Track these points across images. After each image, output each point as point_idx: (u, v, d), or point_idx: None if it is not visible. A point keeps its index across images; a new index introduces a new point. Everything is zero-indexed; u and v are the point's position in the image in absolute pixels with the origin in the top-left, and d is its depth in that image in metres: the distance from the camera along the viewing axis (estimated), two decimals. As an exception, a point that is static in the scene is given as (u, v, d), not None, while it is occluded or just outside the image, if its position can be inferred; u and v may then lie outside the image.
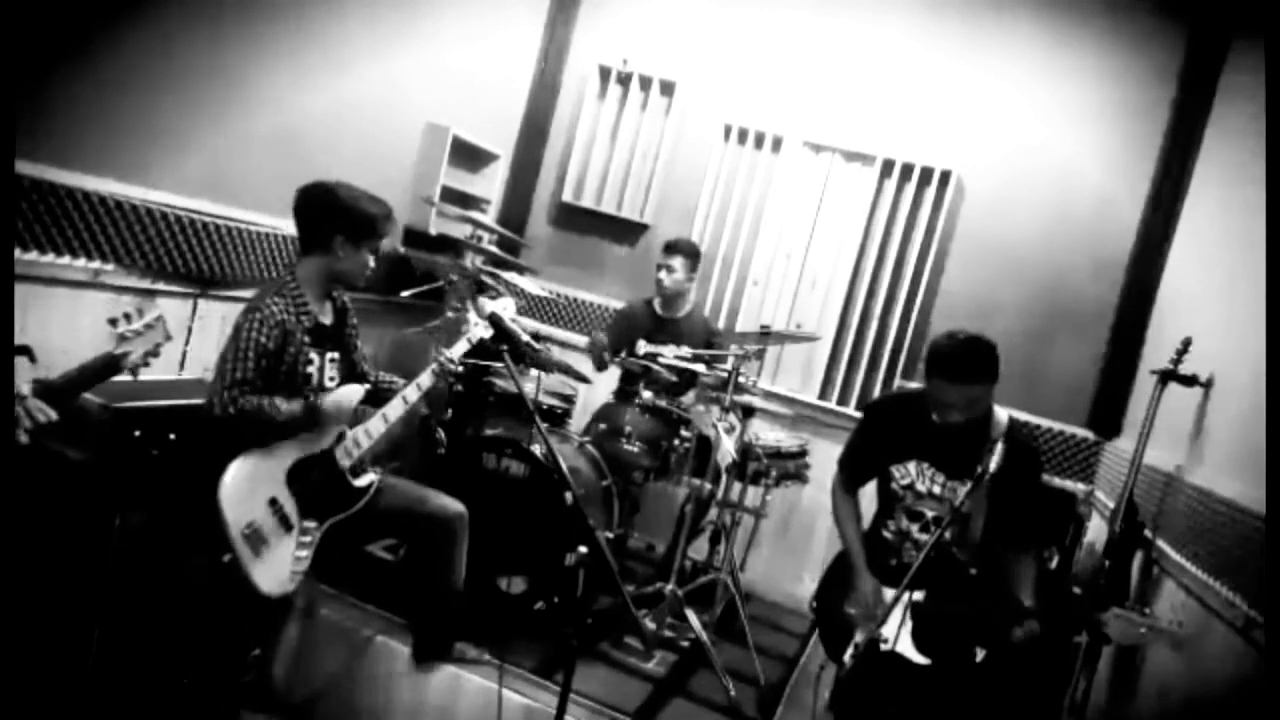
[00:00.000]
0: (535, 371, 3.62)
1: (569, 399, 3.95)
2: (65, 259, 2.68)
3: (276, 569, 2.50)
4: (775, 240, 4.72)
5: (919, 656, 2.55)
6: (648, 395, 3.74)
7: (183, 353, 3.19)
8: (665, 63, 4.87)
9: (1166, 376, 3.03)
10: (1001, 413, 2.61)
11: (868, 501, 2.85)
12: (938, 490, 2.66)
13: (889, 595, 2.58)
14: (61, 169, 2.61)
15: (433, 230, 4.38)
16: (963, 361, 2.44)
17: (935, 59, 4.50)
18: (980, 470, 2.38)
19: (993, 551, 2.65)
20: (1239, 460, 2.55)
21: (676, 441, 3.72)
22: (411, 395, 2.71)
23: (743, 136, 4.75)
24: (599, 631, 3.47)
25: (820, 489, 3.35)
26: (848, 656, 2.63)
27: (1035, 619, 2.49)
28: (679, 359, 3.67)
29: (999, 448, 2.37)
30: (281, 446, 2.53)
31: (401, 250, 4.27)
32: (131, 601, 2.57)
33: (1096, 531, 3.74)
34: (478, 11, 4.43)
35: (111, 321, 2.11)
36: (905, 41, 4.53)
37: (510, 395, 3.73)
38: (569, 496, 2.62)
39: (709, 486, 3.71)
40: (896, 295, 4.54)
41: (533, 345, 3.11)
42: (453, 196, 4.49)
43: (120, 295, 2.85)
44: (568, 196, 5.02)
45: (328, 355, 2.69)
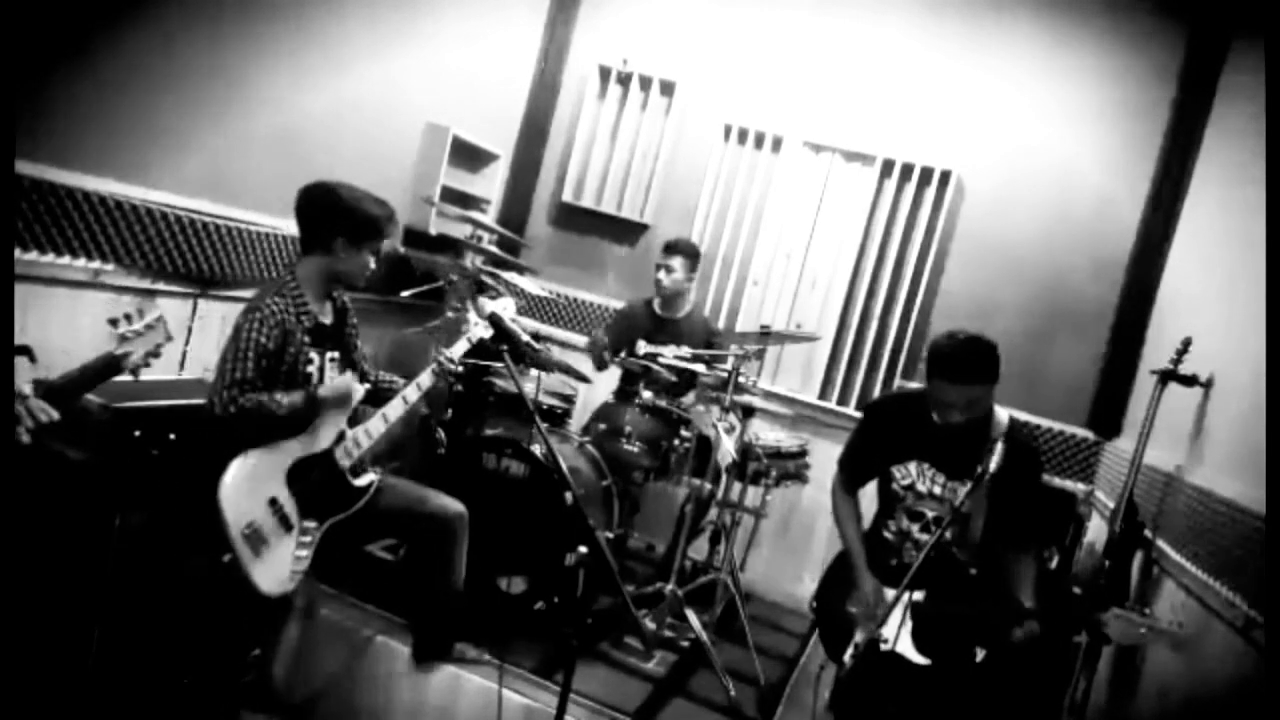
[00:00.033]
0: (535, 371, 3.62)
1: (569, 399, 3.95)
2: (65, 259, 2.68)
3: (276, 569, 2.50)
4: (775, 240, 4.72)
5: (919, 656, 2.55)
6: (648, 395, 3.74)
7: (183, 353, 3.19)
8: (665, 63, 4.87)
9: (1166, 376, 3.04)
10: (1002, 413, 2.61)
11: (868, 501, 2.85)
12: (938, 490, 2.66)
13: (889, 595, 2.58)
14: (61, 169, 2.61)
15: (433, 230, 4.38)
16: (963, 362, 2.44)
17: (935, 59, 4.50)
18: (980, 470, 2.37)
19: (993, 551, 2.66)
20: (1239, 460, 2.55)
21: (676, 441, 3.72)
22: (411, 395, 2.71)
23: (743, 136, 4.75)
24: (599, 631, 3.47)
25: (820, 489, 3.35)
26: (848, 656, 2.63)
27: (1035, 619, 2.49)
28: (679, 359, 3.67)
29: (999, 448, 2.36)
30: (282, 446, 2.53)
31: (401, 250, 4.27)
32: (131, 601, 2.57)
33: (1096, 531, 3.74)
34: (478, 11, 4.43)
35: (112, 322, 2.12)
36: (905, 41, 4.53)
37: (510, 395, 3.73)
38: (569, 496, 2.62)
39: (709, 486, 3.71)
40: (896, 295, 4.54)
41: (533, 345, 3.11)
42: (453, 196, 4.49)
43: (120, 295, 2.85)
44: (568, 196, 5.02)
45: (328, 355, 2.69)
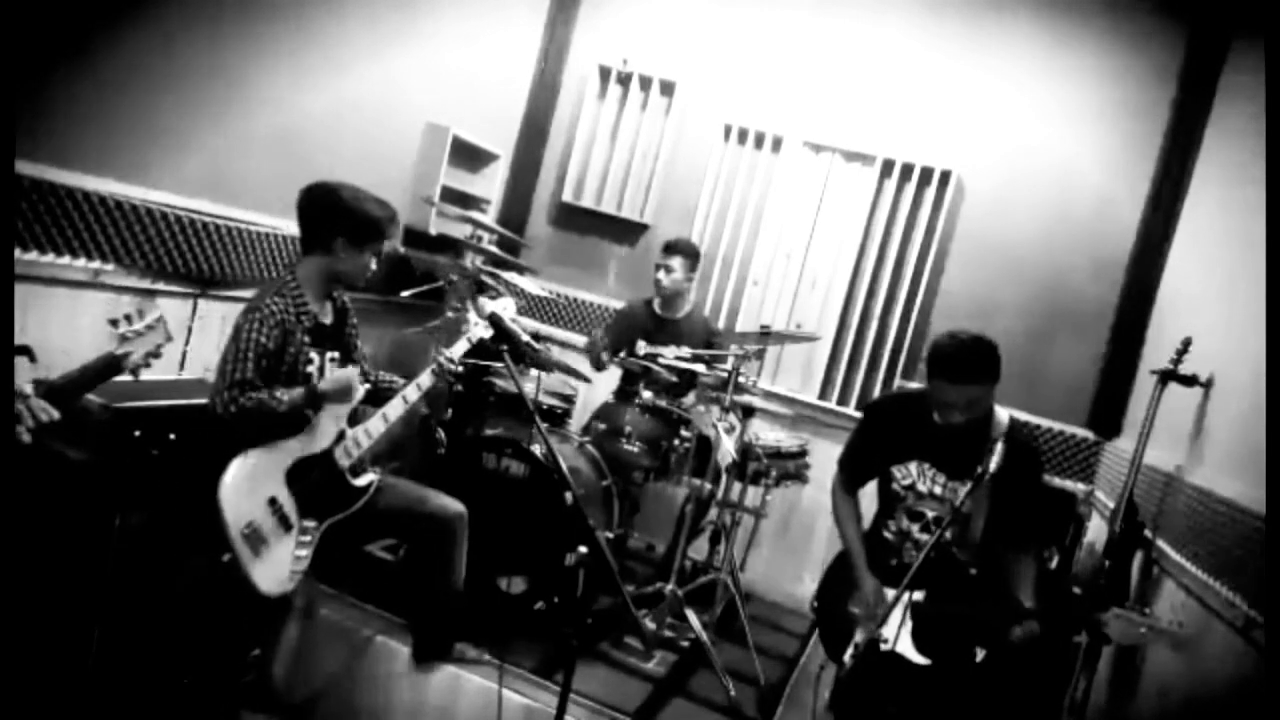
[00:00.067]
0: (535, 371, 3.62)
1: (569, 399, 3.95)
2: (65, 259, 2.68)
3: (276, 569, 2.50)
4: (775, 240, 4.72)
5: (919, 656, 2.55)
6: (648, 395, 3.74)
7: (183, 353, 3.19)
8: (665, 63, 4.87)
9: (1166, 376, 3.03)
10: (1002, 413, 2.61)
11: (868, 501, 2.85)
12: (938, 490, 2.66)
13: (889, 595, 2.58)
14: (61, 169, 2.61)
15: (433, 230, 4.38)
16: (964, 362, 2.44)
17: (935, 59, 4.50)
18: (980, 470, 2.37)
19: (993, 551, 2.66)
20: (1239, 460, 2.55)
21: (676, 441, 3.72)
22: (411, 395, 2.70)
23: (743, 136, 4.75)
24: (599, 631, 3.47)
25: (820, 489, 3.35)
26: (848, 656, 2.63)
27: (1035, 619, 2.49)
28: (679, 359, 3.67)
29: (999, 448, 2.36)
30: (281, 446, 2.53)
31: (401, 250, 4.27)
32: (131, 601, 2.57)
33: (1096, 531, 3.74)
34: (478, 11, 4.43)
35: (113, 322, 2.11)
36: (905, 41, 4.53)
37: (510, 395, 3.73)
38: (569, 496, 2.62)
39: (709, 486, 3.71)
40: (896, 295, 4.54)
41: (533, 345, 3.11)
42: (453, 196, 4.49)
43: (120, 295, 2.85)
44: (568, 196, 5.02)
45: (328, 355, 2.69)
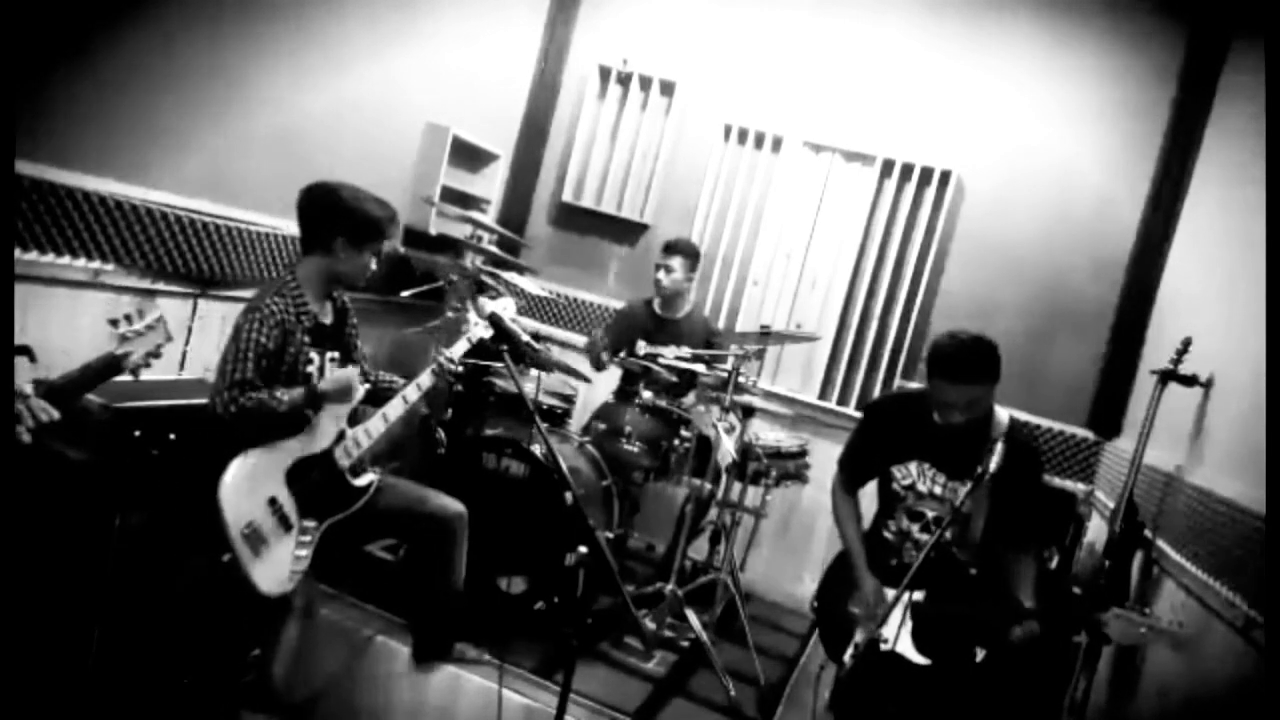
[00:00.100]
0: (535, 371, 3.62)
1: (569, 399, 3.95)
2: (65, 259, 2.68)
3: (275, 568, 2.50)
4: (775, 240, 4.72)
5: (919, 656, 2.55)
6: (648, 395, 3.74)
7: (183, 353, 3.19)
8: (665, 63, 4.87)
9: (1166, 376, 3.03)
10: (1002, 413, 2.61)
11: (868, 501, 2.85)
12: (939, 490, 2.66)
13: (889, 595, 2.58)
14: (61, 169, 2.61)
15: (433, 230, 4.38)
16: (964, 362, 2.44)
17: (935, 59, 4.50)
18: (980, 470, 2.37)
19: (993, 551, 2.65)
20: (1239, 460, 2.55)
21: (676, 441, 3.72)
22: (411, 395, 2.70)
23: (743, 136, 4.75)
24: (599, 631, 3.47)
25: (820, 489, 3.35)
26: (848, 656, 2.63)
27: (1035, 619, 2.49)
28: (679, 359, 3.67)
29: (999, 448, 2.36)
30: (281, 446, 2.53)
31: (401, 250, 4.27)
32: (131, 601, 2.57)
33: (1096, 531, 3.74)
34: (478, 11, 4.42)
35: (113, 322, 2.11)
36: (905, 41, 4.53)
37: (510, 395, 3.73)
38: (569, 496, 2.62)
39: (709, 486, 3.71)
40: (896, 295, 4.54)
41: (533, 345, 3.11)
42: (453, 196, 4.49)
43: (120, 295, 2.85)
44: (568, 196, 5.02)
45: (328, 355, 2.69)
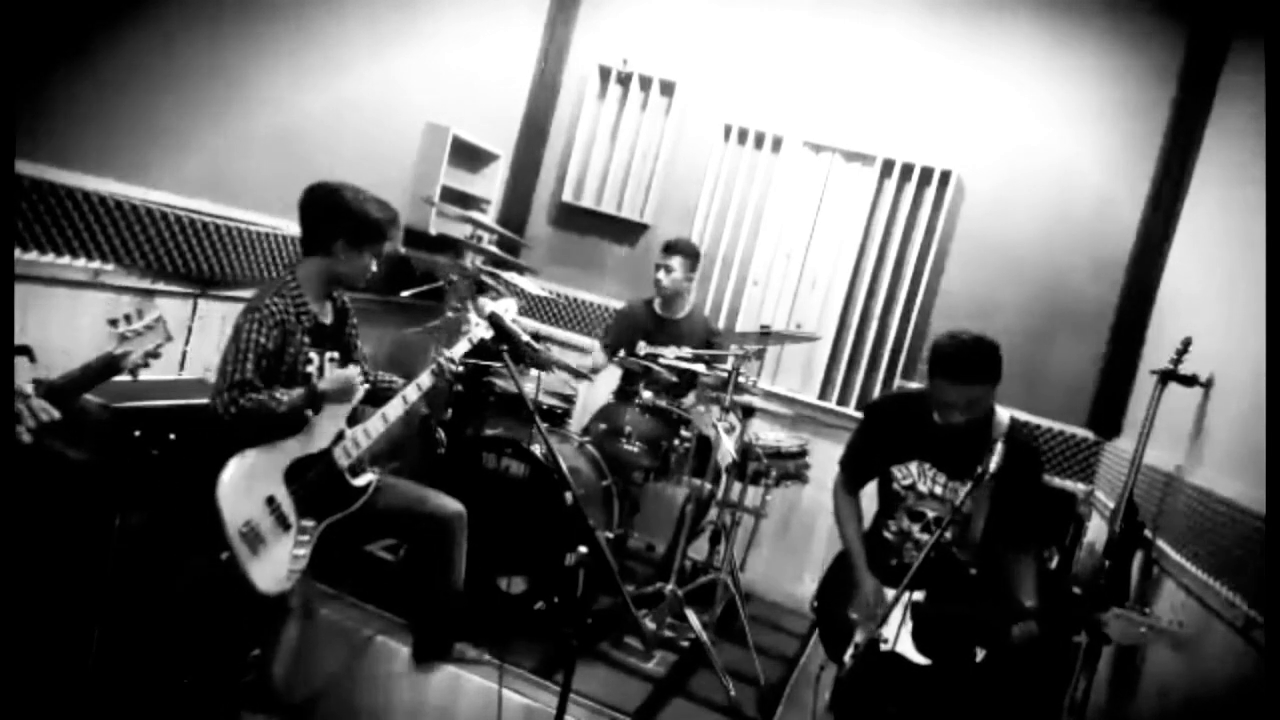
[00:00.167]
0: (535, 371, 3.62)
1: (569, 399, 3.95)
2: (65, 259, 2.68)
3: (274, 568, 2.50)
4: (775, 240, 4.72)
5: (919, 657, 2.55)
6: (648, 395, 3.74)
7: (183, 353, 3.19)
8: (665, 63, 4.87)
9: (1166, 376, 3.03)
10: (1003, 413, 2.61)
11: (869, 501, 2.85)
12: (939, 491, 2.66)
13: (889, 595, 2.57)
14: (61, 169, 2.61)
15: (433, 230, 4.38)
16: (965, 362, 2.44)
17: (935, 59, 4.50)
18: (981, 470, 2.37)
19: (993, 551, 2.65)
20: (1239, 460, 2.55)
21: (676, 441, 3.72)
22: (411, 395, 2.70)
23: (743, 136, 4.75)
24: (599, 631, 3.47)
25: (820, 489, 3.35)
26: (848, 656, 2.63)
27: (1035, 619, 2.49)
28: (679, 359, 3.67)
29: (999, 448, 2.36)
30: (280, 445, 2.52)
31: (401, 250, 4.27)
32: (131, 601, 2.57)
33: (1096, 531, 3.74)
34: (478, 11, 4.42)
35: (112, 322, 2.11)
36: (905, 41, 4.53)
37: (510, 395, 3.73)
38: (569, 496, 2.62)
39: (709, 486, 3.71)
40: (896, 295, 4.54)
41: (533, 345, 3.11)
42: (453, 196, 4.49)
43: (120, 295, 2.85)
44: (568, 196, 5.02)
45: (327, 355, 2.69)
